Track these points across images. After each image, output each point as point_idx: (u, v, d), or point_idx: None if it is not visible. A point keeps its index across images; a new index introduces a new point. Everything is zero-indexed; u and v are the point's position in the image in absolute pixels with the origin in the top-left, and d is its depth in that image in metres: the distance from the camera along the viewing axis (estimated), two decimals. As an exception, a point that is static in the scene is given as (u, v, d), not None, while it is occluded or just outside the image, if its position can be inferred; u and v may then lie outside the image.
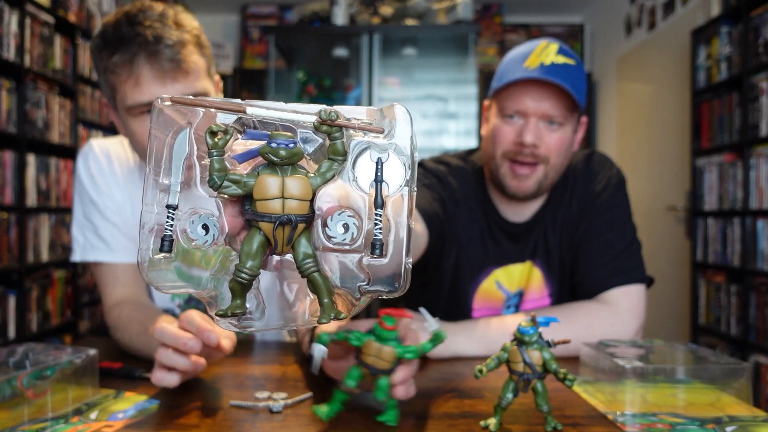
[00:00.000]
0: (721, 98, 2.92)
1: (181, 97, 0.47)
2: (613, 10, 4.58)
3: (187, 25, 0.98)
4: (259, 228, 0.46)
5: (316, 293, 0.47)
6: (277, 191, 0.45)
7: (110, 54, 0.95)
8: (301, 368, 0.92)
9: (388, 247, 0.47)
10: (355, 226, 0.48)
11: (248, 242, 0.47)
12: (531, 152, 1.07)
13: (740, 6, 2.73)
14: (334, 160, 0.48)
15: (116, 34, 0.95)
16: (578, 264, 1.13)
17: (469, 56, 3.56)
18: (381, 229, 0.47)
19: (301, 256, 0.47)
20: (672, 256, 3.49)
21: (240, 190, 0.46)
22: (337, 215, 0.48)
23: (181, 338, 0.73)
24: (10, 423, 0.65)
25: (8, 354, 0.74)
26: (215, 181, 0.46)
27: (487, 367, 0.64)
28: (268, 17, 5.06)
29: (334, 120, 0.47)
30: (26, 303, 2.75)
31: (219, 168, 0.46)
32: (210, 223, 0.47)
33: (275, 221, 0.45)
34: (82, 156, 1.14)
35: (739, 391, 0.75)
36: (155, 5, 0.98)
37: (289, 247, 0.47)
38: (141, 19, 0.94)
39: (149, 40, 0.92)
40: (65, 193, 3.17)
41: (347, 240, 0.47)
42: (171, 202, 0.46)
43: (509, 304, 1.19)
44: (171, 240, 0.46)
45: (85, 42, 3.40)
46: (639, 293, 1.07)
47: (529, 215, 1.18)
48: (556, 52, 1.07)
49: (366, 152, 0.48)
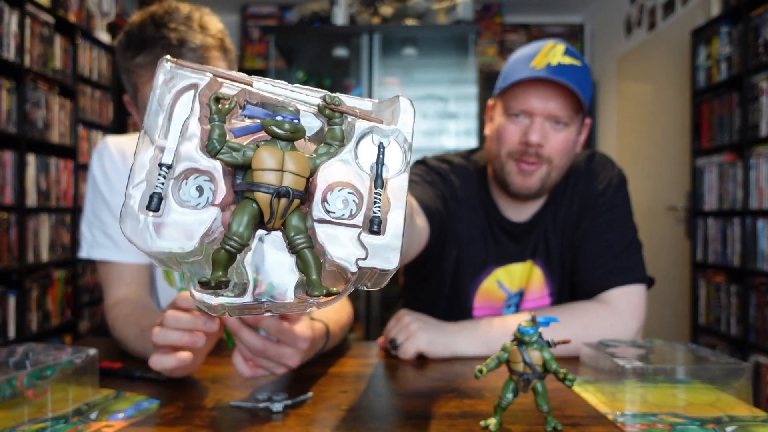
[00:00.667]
0: (721, 98, 2.92)
1: (187, 62, 0.47)
2: (613, 10, 4.58)
3: (212, 28, 0.98)
4: (252, 199, 0.46)
5: (305, 270, 0.47)
6: (277, 163, 0.45)
7: (134, 54, 0.95)
8: (301, 368, 0.92)
9: (386, 225, 0.48)
10: (354, 203, 0.48)
11: (240, 211, 0.45)
12: (535, 152, 1.07)
13: (740, 6, 2.73)
14: (331, 144, 0.48)
15: (141, 34, 0.95)
16: (578, 264, 1.13)
17: (469, 56, 3.56)
18: (380, 207, 0.47)
19: (293, 231, 0.46)
20: (672, 256, 3.49)
21: (239, 159, 0.46)
22: (338, 191, 0.47)
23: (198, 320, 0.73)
24: (10, 423, 0.65)
25: (8, 354, 0.74)
26: (215, 145, 0.45)
27: (487, 367, 0.64)
28: (268, 17, 5.06)
29: (337, 105, 0.47)
30: (26, 303, 2.75)
31: (220, 134, 0.45)
32: (205, 185, 0.46)
33: (273, 192, 0.45)
34: (97, 153, 1.14)
35: (739, 391, 0.76)
36: (182, 6, 0.98)
37: (280, 222, 0.46)
38: (166, 21, 0.94)
39: (173, 43, 0.93)
40: (65, 193, 3.17)
41: (345, 215, 0.47)
42: (165, 161, 0.45)
43: (510, 303, 1.20)
44: (160, 198, 0.45)
45: (85, 42, 3.40)
46: (639, 293, 1.07)
47: (530, 215, 1.18)
48: (563, 52, 1.07)
49: (369, 135, 0.49)
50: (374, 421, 0.69)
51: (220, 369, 0.92)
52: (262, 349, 0.76)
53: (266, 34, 4.08)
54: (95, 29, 3.66)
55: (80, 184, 3.32)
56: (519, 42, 5.17)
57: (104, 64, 3.64)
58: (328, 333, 0.94)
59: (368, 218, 0.47)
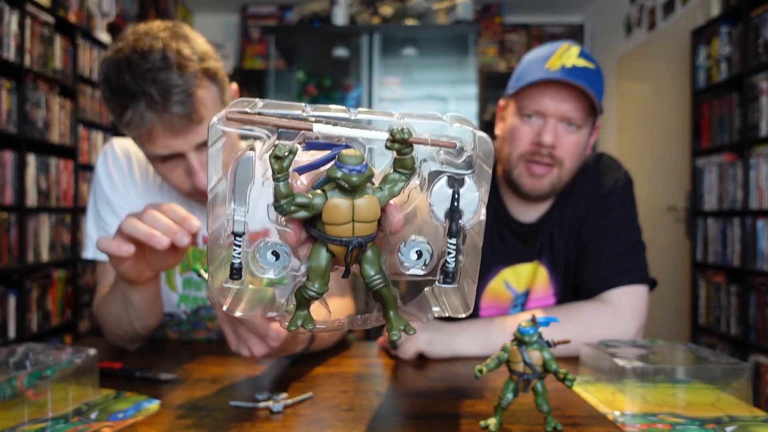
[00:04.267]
0: (721, 98, 2.92)
1: (239, 113, 0.44)
2: (613, 10, 4.58)
3: (193, 61, 0.91)
4: (325, 245, 0.46)
5: (383, 306, 0.48)
6: (348, 216, 0.44)
7: (119, 107, 0.91)
8: (301, 368, 0.92)
9: (459, 275, 0.48)
10: (428, 252, 0.48)
11: (316, 259, 0.46)
12: (548, 152, 1.07)
13: (740, 6, 2.73)
14: (402, 173, 0.46)
15: (120, 84, 0.90)
16: (582, 263, 1.13)
17: (469, 56, 3.56)
18: (454, 257, 0.47)
19: (370, 272, 0.47)
20: (672, 256, 3.49)
21: (308, 214, 0.45)
22: (411, 242, 0.47)
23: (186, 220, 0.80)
24: (10, 423, 0.65)
25: (8, 354, 0.74)
26: (284, 208, 0.44)
27: (487, 367, 0.64)
28: (268, 17, 5.06)
29: (407, 138, 0.45)
30: (26, 303, 2.75)
31: (286, 193, 0.44)
32: (281, 250, 0.46)
33: (347, 245, 0.45)
34: (103, 154, 1.14)
35: (739, 391, 0.76)
36: (154, 42, 0.91)
37: (356, 264, 0.47)
38: (143, 70, 0.89)
39: (156, 98, 0.88)
40: (65, 193, 3.17)
41: (419, 265, 0.48)
42: (237, 230, 0.46)
43: (516, 303, 1.20)
44: (240, 267, 0.46)
45: (85, 42, 3.40)
46: (641, 294, 1.07)
47: (538, 216, 1.18)
48: (577, 55, 1.08)
49: (443, 179, 0.47)
50: (374, 421, 0.69)
51: (220, 369, 0.92)
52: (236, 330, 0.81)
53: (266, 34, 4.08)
54: (95, 29, 3.66)
55: (80, 184, 3.32)
56: (519, 42, 5.17)
57: (104, 64, 3.64)
58: (312, 337, 0.95)
59: (441, 267, 0.47)
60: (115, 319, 0.98)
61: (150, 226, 0.79)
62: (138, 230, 0.78)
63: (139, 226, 0.78)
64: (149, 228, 0.78)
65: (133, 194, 1.12)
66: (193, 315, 1.14)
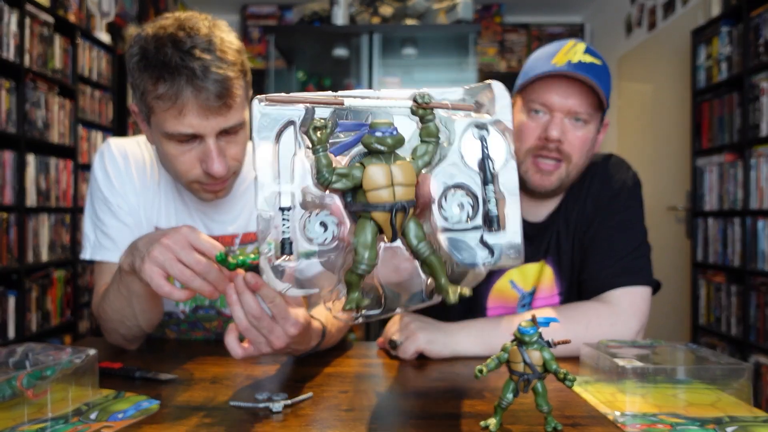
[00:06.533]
0: (721, 98, 2.92)
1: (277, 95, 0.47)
2: (613, 10, 4.58)
3: (233, 51, 0.94)
4: (369, 218, 0.46)
5: (433, 275, 0.48)
6: (386, 180, 0.45)
7: (154, 80, 0.90)
8: (301, 368, 0.92)
9: (504, 221, 0.48)
10: (470, 204, 0.48)
11: (362, 234, 0.46)
12: (556, 147, 1.07)
13: (740, 6, 2.73)
14: (428, 142, 0.48)
15: (160, 57, 0.89)
16: (586, 262, 1.13)
17: (469, 56, 3.56)
18: (495, 203, 0.48)
19: (415, 240, 0.47)
20: (672, 256, 3.49)
21: (349, 183, 0.46)
22: (451, 196, 0.48)
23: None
24: (10, 423, 0.65)
25: (8, 354, 0.74)
26: (326, 177, 0.45)
27: (487, 368, 0.64)
28: (268, 17, 5.06)
29: (429, 103, 0.47)
30: (26, 303, 2.75)
31: (327, 163, 0.46)
32: (328, 220, 0.47)
33: (391, 210, 0.45)
34: (99, 154, 1.14)
35: (739, 391, 0.75)
36: (200, 25, 0.93)
37: (400, 233, 0.47)
38: (189, 47, 0.89)
39: (197, 74, 0.88)
40: (65, 193, 3.17)
41: (463, 219, 0.48)
42: (284, 205, 0.46)
43: (524, 303, 1.19)
44: (291, 242, 0.47)
45: (85, 42, 3.40)
46: (643, 295, 1.07)
47: (545, 215, 1.18)
48: (583, 51, 1.08)
49: (469, 131, 0.49)
50: (374, 421, 0.69)
51: (220, 369, 0.92)
52: (258, 316, 0.77)
53: (266, 34, 4.08)
54: (95, 29, 3.66)
55: (80, 184, 3.32)
56: (519, 42, 5.18)
57: (104, 64, 3.64)
58: (323, 333, 0.94)
59: (485, 216, 0.48)
60: (117, 315, 0.97)
61: (192, 273, 0.80)
62: (192, 284, 0.80)
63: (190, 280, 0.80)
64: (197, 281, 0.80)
65: (130, 194, 1.11)
66: (192, 314, 1.14)
